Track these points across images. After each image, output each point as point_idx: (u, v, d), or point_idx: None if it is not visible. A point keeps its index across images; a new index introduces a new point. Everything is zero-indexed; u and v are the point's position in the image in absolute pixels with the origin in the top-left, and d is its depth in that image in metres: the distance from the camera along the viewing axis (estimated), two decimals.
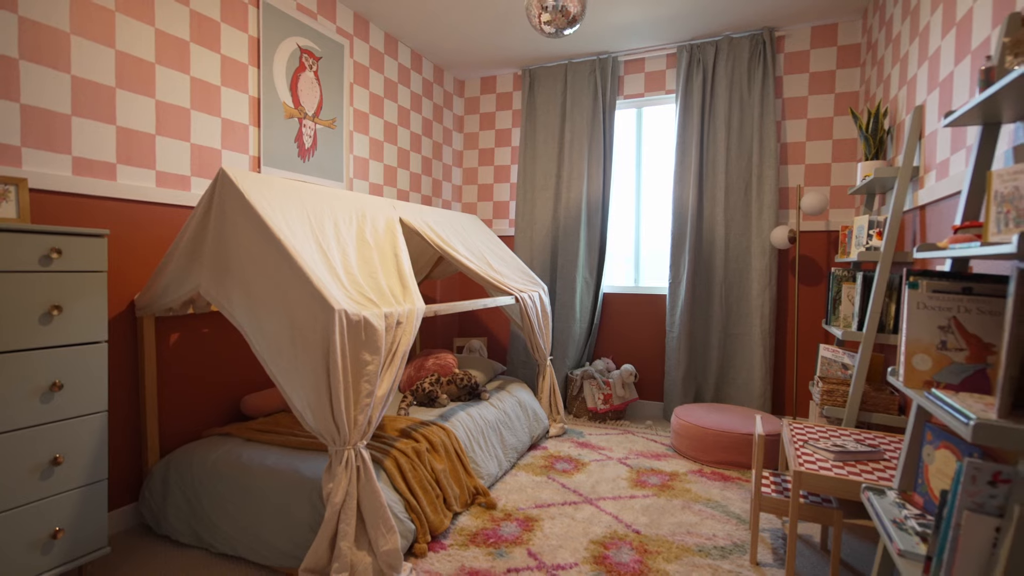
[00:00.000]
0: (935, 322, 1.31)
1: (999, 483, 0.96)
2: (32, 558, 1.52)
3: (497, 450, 2.67)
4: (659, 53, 3.78)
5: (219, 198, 1.85)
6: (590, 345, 3.98)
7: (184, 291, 1.97)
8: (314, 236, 1.96)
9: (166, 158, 2.26)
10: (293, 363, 1.71)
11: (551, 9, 2.36)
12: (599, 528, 2.15)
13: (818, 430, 2.06)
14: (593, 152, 3.89)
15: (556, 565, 1.89)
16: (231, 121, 2.53)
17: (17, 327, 1.48)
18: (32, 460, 1.52)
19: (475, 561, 1.90)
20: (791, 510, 1.72)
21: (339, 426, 1.69)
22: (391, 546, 1.71)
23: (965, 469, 0.97)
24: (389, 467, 2.00)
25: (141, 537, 2.05)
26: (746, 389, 3.48)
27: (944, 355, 1.30)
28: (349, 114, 3.27)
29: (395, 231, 2.42)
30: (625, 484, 2.59)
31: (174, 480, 2.05)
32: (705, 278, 3.62)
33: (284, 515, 1.84)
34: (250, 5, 2.61)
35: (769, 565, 1.90)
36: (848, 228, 2.71)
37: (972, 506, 0.97)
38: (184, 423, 2.34)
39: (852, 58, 3.31)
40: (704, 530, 2.14)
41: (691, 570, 1.86)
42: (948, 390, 1.23)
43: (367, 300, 1.88)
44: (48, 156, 1.87)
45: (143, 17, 2.15)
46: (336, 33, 3.15)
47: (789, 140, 3.47)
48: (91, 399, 1.66)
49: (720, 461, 2.84)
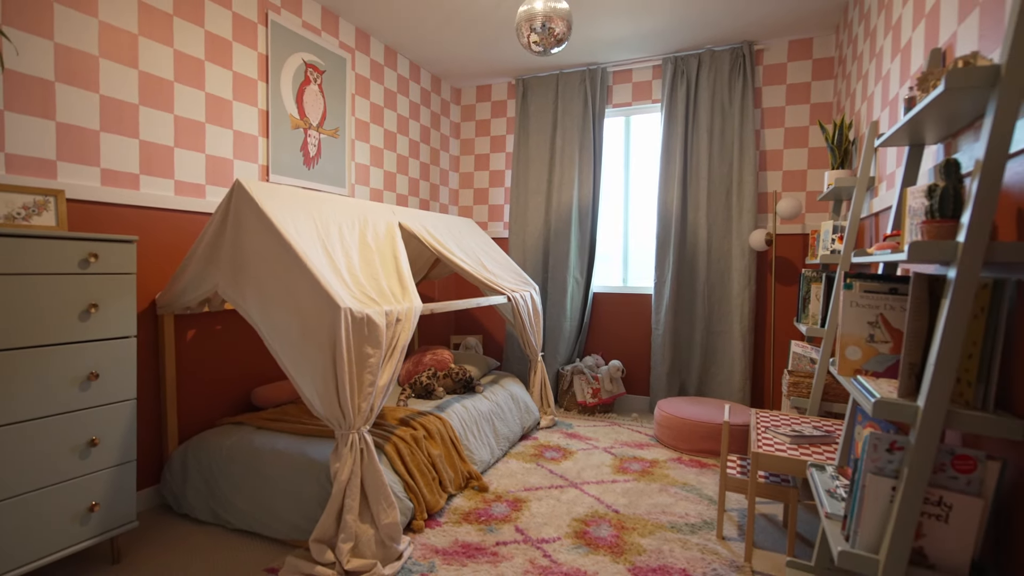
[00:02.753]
0: (865, 318, 1.51)
1: (895, 450, 1.15)
2: (73, 528, 1.72)
3: (490, 439, 2.86)
4: (645, 64, 3.97)
5: (235, 207, 2.04)
6: (580, 342, 4.18)
7: (202, 291, 2.17)
8: (321, 240, 2.15)
9: (183, 168, 2.45)
10: (303, 356, 1.91)
11: (539, 30, 2.55)
12: (582, 508, 2.35)
13: (783, 418, 2.25)
14: (583, 158, 4.08)
15: (541, 539, 2.08)
16: (242, 133, 2.72)
17: (61, 323, 1.67)
18: (73, 441, 1.71)
19: (468, 536, 2.10)
20: (750, 487, 1.91)
21: (345, 412, 1.88)
22: (391, 520, 1.90)
23: (868, 439, 1.17)
24: (389, 451, 2.19)
25: (163, 515, 2.25)
26: (727, 383, 3.68)
27: (872, 347, 1.49)
28: (351, 123, 3.46)
29: (395, 235, 2.62)
30: (608, 470, 2.79)
31: (192, 464, 2.25)
32: (688, 278, 3.82)
33: (294, 493, 2.04)
34: (259, 24, 2.80)
35: (733, 539, 2.09)
36: (817, 232, 2.91)
37: (874, 470, 1.16)
38: (200, 412, 2.53)
39: (826, 71, 3.50)
40: (678, 510, 2.34)
41: (662, 544, 2.05)
42: (872, 377, 1.42)
43: (369, 299, 2.08)
44: (79, 168, 2.06)
45: (163, 39, 2.34)
46: (339, 47, 3.34)
47: (767, 148, 3.66)
48: (123, 388, 1.85)
49: (698, 449, 3.03)
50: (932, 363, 1.06)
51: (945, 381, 1.04)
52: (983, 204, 1.02)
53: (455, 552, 1.98)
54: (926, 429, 1.06)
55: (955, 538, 1.10)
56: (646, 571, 1.88)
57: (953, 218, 1.14)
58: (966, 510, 1.08)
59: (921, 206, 1.23)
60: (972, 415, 1.06)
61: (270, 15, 2.83)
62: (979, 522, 1.08)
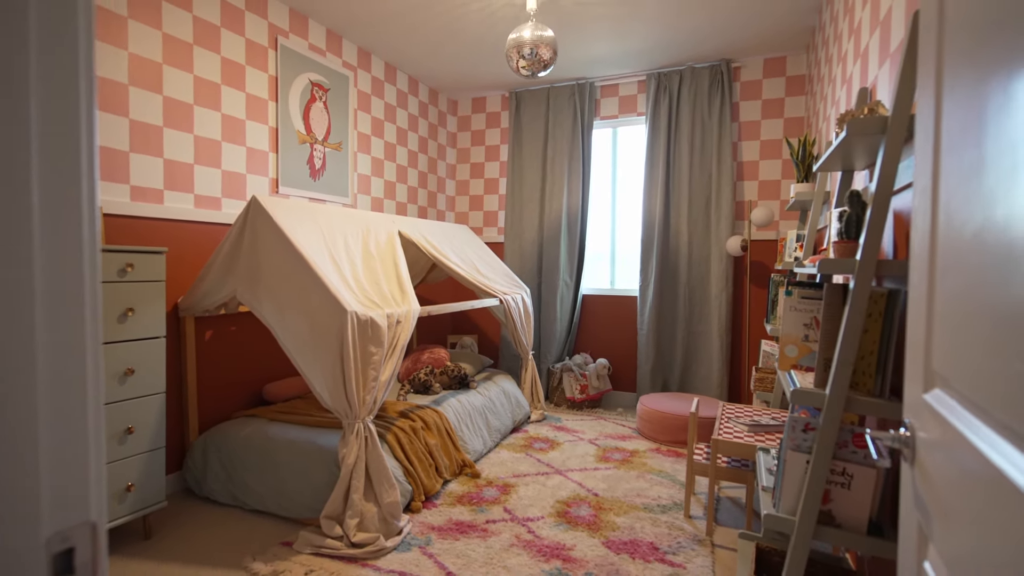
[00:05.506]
0: (802, 320, 1.75)
1: (809, 431, 1.39)
2: (112, 506, 1.95)
3: (482, 431, 3.10)
4: (631, 79, 4.21)
5: (252, 220, 2.28)
6: (570, 341, 4.42)
7: (221, 296, 2.40)
8: (328, 250, 2.39)
9: (202, 183, 2.68)
10: (314, 354, 2.14)
11: (527, 56, 2.79)
12: (565, 492, 2.59)
13: (746, 411, 2.50)
14: (573, 167, 4.32)
15: (526, 518, 2.33)
16: (254, 149, 2.96)
17: (104, 325, 1.91)
18: (113, 429, 1.95)
19: (461, 515, 2.34)
20: (711, 470, 2.16)
21: (351, 404, 2.12)
22: (393, 499, 2.14)
23: (788, 422, 1.41)
24: (390, 440, 2.43)
25: (186, 498, 2.49)
26: (706, 379, 3.92)
27: (807, 345, 1.73)
28: (353, 137, 3.70)
29: (395, 243, 2.85)
30: (592, 459, 3.03)
31: (212, 452, 2.48)
32: (671, 281, 4.06)
33: (305, 477, 2.27)
34: (270, 49, 3.03)
35: (698, 517, 2.34)
36: (784, 240, 3.15)
37: (792, 447, 1.40)
38: (217, 406, 2.77)
39: (799, 87, 3.74)
40: (652, 493, 2.58)
41: (635, 522, 2.30)
42: (804, 371, 1.66)
43: (372, 303, 2.32)
44: (111, 186, 2.29)
45: (184, 66, 2.57)
46: (342, 66, 3.57)
47: (744, 159, 3.90)
48: (153, 382, 2.09)
49: (676, 441, 3.28)
50: (836, 357, 1.30)
51: (846, 372, 1.28)
52: (874, 229, 1.26)
53: (449, 529, 2.22)
54: (830, 412, 1.30)
55: (856, 502, 1.34)
56: (618, 544, 2.12)
57: (855, 239, 1.38)
58: (864, 479, 1.32)
59: (835, 228, 1.47)
60: (867, 400, 1.30)
61: (279, 40, 3.07)
62: (874, 488, 1.32)
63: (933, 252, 0.72)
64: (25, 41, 0.41)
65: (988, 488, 0.51)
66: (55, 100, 0.44)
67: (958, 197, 0.63)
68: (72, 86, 0.45)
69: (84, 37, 0.46)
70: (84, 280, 0.46)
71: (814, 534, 1.33)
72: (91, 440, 0.46)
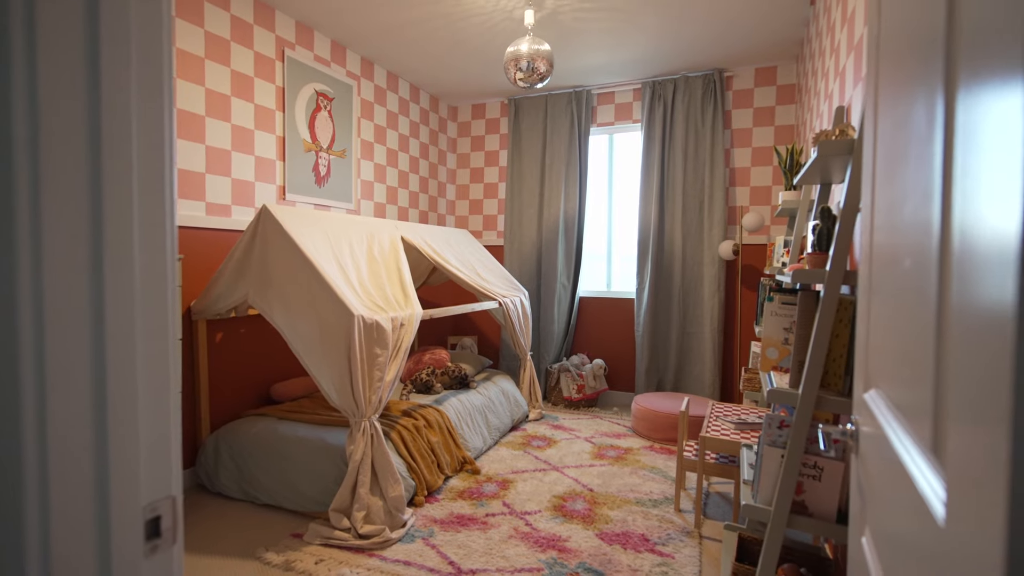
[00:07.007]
0: (782, 325, 1.86)
1: (784, 427, 1.51)
2: None
3: (482, 429, 3.22)
4: (627, 88, 4.33)
5: (262, 227, 2.39)
6: (567, 342, 4.53)
7: (233, 300, 2.52)
8: (334, 255, 2.50)
9: (213, 191, 2.80)
10: (322, 356, 2.26)
11: (524, 69, 2.90)
12: (561, 487, 2.71)
13: (735, 409, 2.61)
14: (570, 173, 4.44)
15: (524, 511, 2.44)
16: (262, 158, 3.07)
17: None
18: None
19: (462, 509, 2.46)
20: (699, 465, 2.28)
21: (358, 402, 2.24)
22: (397, 493, 2.26)
23: (766, 419, 1.52)
24: (395, 438, 2.54)
25: (199, 493, 2.60)
26: (699, 380, 4.04)
27: (786, 348, 1.85)
28: (357, 144, 3.81)
29: (397, 248, 2.97)
30: (587, 456, 3.15)
31: (224, 449, 2.60)
32: (665, 284, 4.17)
33: (313, 473, 2.39)
34: (277, 61, 3.15)
35: (688, 511, 2.46)
36: (773, 245, 3.26)
37: (769, 442, 1.52)
38: (228, 404, 2.88)
39: (789, 96, 3.86)
40: (644, 488, 2.70)
41: (627, 515, 2.41)
42: (782, 372, 1.78)
43: (376, 306, 2.43)
44: None
45: (196, 80, 2.69)
46: (346, 76, 3.68)
47: (736, 165, 4.02)
48: None
49: (668, 438, 3.39)
50: (808, 359, 1.42)
51: (816, 373, 1.40)
52: (841, 243, 1.38)
53: (451, 522, 2.34)
54: (802, 409, 1.41)
55: (826, 493, 1.46)
56: (611, 536, 2.23)
57: (826, 251, 1.50)
58: (833, 471, 1.44)
59: (810, 240, 1.59)
60: (835, 399, 1.42)
61: (286, 52, 3.18)
62: (842, 480, 1.43)
63: (870, 269, 0.84)
64: (128, 91, 0.52)
65: (894, 473, 0.62)
66: (149, 153, 0.55)
67: (883, 226, 0.75)
68: (159, 129, 0.55)
69: (167, 90, 0.57)
70: (167, 283, 0.57)
71: (788, 523, 1.44)
72: (172, 428, 0.57)
